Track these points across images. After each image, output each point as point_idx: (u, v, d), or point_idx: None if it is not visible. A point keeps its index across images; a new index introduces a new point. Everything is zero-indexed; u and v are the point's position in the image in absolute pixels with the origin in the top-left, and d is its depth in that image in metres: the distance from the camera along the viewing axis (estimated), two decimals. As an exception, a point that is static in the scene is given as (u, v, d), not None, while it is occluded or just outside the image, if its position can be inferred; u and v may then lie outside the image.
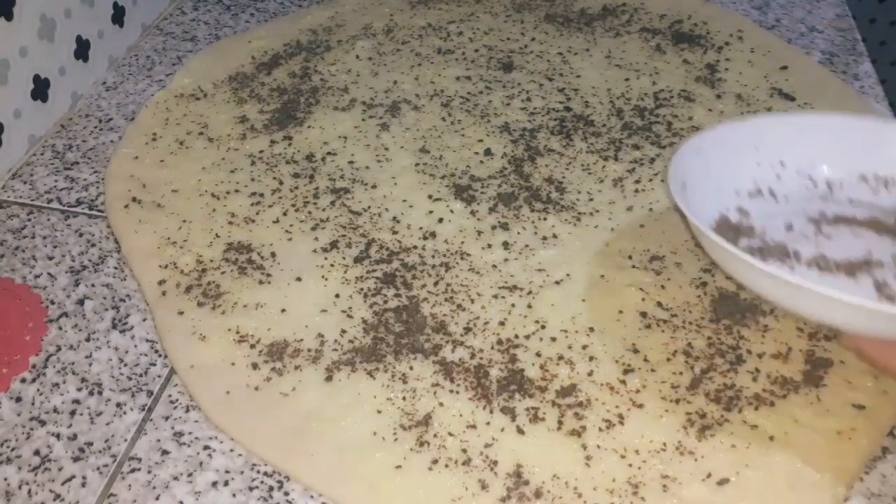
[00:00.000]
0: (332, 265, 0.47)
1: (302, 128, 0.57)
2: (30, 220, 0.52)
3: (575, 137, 0.56)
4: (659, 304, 0.44)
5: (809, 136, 0.47)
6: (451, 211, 0.50)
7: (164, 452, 0.39)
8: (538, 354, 0.42)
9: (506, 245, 0.48)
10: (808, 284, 0.34)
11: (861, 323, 0.36)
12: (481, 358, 0.42)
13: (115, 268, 0.49)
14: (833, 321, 0.37)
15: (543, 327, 0.43)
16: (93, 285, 0.47)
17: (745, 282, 0.39)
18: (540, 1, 0.71)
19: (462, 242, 0.48)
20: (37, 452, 0.39)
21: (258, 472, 0.38)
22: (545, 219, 0.50)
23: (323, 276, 0.46)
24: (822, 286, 0.34)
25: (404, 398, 0.40)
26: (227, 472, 0.38)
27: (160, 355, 0.44)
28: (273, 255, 0.48)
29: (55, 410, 0.41)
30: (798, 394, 0.40)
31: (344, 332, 0.43)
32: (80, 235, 0.51)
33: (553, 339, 0.43)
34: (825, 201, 0.47)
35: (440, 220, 0.50)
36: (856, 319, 0.35)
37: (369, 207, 0.51)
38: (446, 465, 0.37)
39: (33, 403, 0.41)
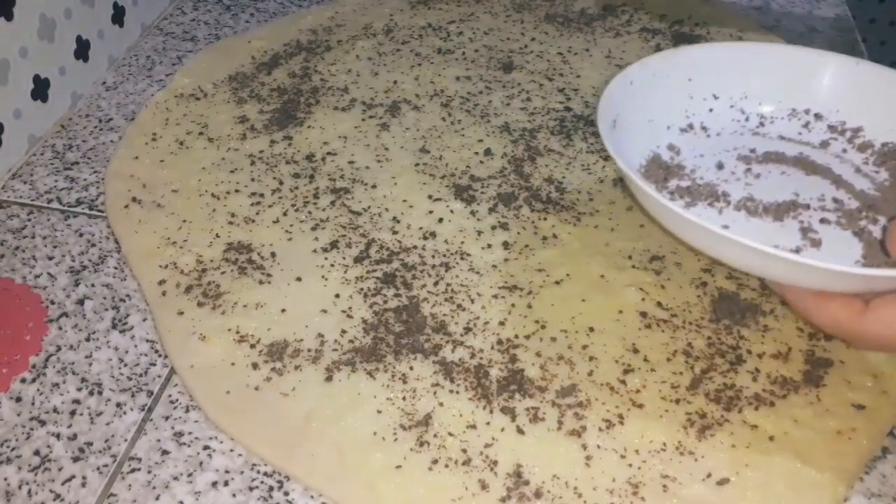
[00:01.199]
0: (332, 265, 0.47)
1: (302, 128, 0.57)
2: (30, 220, 0.52)
3: (575, 137, 0.56)
4: (659, 304, 0.44)
5: (743, 67, 0.47)
6: (451, 211, 0.50)
7: (164, 452, 0.39)
8: (538, 354, 0.42)
9: (506, 245, 0.48)
10: (730, 235, 0.34)
11: (781, 273, 0.36)
12: (481, 358, 0.42)
13: (115, 268, 0.49)
14: (756, 270, 0.37)
15: (543, 327, 0.43)
16: (93, 285, 0.47)
17: (670, 228, 0.39)
18: (540, 1, 0.72)
19: (462, 242, 0.48)
20: (37, 452, 0.39)
21: (258, 472, 0.38)
22: (545, 219, 0.50)
23: (323, 276, 0.46)
24: (743, 237, 0.34)
25: (404, 398, 0.40)
26: (227, 471, 0.38)
27: (160, 355, 0.44)
28: (273, 255, 0.48)
29: (55, 410, 0.41)
30: (798, 394, 0.40)
31: (344, 332, 0.43)
32: (80, 235, 0.51)
33: (553, 339, 0.43)
34: (756, 136, 0.47)
35: (440, 220, 0.50)
36: (776, 270, 0.36)
37: (369, 207, 0.51)
38: (446, 465, 0.37)
39: (33, 403, 0.41)
